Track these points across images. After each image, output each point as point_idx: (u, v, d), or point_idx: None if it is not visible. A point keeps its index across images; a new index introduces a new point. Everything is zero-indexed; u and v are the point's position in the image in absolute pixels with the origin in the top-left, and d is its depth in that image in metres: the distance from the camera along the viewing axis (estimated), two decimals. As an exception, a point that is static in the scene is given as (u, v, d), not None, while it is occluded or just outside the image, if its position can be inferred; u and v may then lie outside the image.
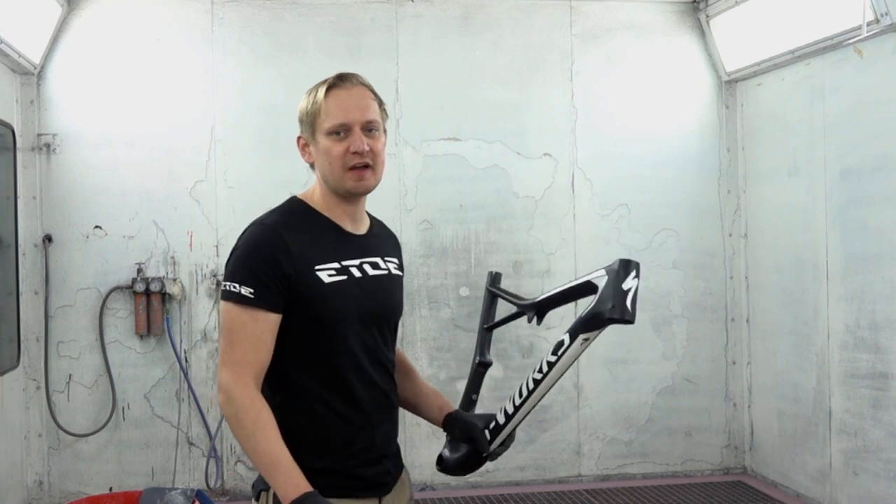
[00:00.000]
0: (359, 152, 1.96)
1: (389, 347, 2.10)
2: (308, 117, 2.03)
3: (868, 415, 4.38)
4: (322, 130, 1.99)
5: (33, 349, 4.99)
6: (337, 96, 1.99)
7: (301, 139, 2.08)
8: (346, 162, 1.97)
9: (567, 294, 2.13)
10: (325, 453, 1.96)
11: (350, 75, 2.03)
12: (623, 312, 1.91)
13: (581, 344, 2.00)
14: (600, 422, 5.43)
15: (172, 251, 5.10)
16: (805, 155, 4.86)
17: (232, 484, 5.16)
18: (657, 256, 5.47)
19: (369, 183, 2.00)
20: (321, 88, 2.01)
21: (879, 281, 4.28)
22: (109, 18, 5.05)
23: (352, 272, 2.00)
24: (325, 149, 1.99)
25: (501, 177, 5.35)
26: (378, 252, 2.10)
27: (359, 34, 5.24)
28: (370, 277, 2.03)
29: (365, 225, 2.12)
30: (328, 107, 1.98)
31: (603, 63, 5.46)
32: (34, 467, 5.00)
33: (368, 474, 2.01)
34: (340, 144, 1.97)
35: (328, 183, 2.02)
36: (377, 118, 2.02)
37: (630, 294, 1.91)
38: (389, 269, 2.11)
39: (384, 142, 2.05)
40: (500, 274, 2.52)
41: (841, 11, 4.30)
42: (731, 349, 5.57)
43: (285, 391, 1.97)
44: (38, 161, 5.01)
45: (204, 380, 5.13)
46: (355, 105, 1.98)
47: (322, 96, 2.00)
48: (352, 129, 1.97)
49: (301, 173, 5.15)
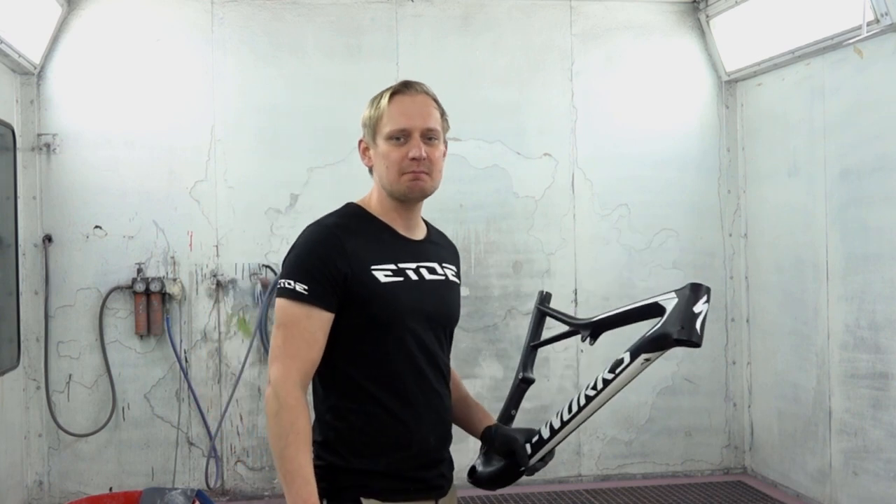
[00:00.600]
0: (416, 158, 2.00)
1: (445, 352, 2.12)
2: (371, 121, 2.07)
3: (868, 415, 4.38)
4: (383, 134, 2.03)
5: (33, 349, 4.99)
6: (400, 102, 2.03)
7: (362, 143, 2.11)
8: (404, 167, 2.00)
9: (629, 315, 2.15)
10: (380, 455, 1.97)
11: (415, 83, 2.08)
12: (691, 334, 1.92)
13: (641, 364, 2.00)
14: (600, 422, 5.42)
15: (172, 251, 5.10)
16: (805, 155, 4.86)
17: (232, 484, 5.16)
18: (657, 256, 5.47)
19: (425, 187, 2.03)
20: (386, 94, 2.06)
21: (879, 281, 4.28)
22: (109, 18, 5.05)
23: (408, 274, 2.02)
24: (385, 153, 2.02)
25: (501, 177, 5.35)
26: (435, 258, 2.12)
27: (359, 34, 5.23)
28: (427, 281, 2.05)
29: (422, 231, 2.15)
30: (391, 112, 2.03)
31: (603, 63, 5.46)
32: (34, 467, 5.00)
33: (425, 476, 2.02)
34: (399, 150, 2.01)
35: (385, 187, 2.05)
36: (437, 127, 2.06)
37: (700, 318, 1.93)
38: (447, 276, 2.12)
39: (443, 151, 2.10)
40: (551, 294, 2.50)
41: (841, 11, 4.30)
42: (731, 349, 5.57)
43: (341, 392, 1.97)
44: (38, 161, 5.01)
45: (204, 380, 5.13)
46: (417, 112, 2.03)
47: (386, 101, 2.04)
48: (411, 135, 2.01)
49: (301, 173, 5.21)
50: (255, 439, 5.17)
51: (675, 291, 2.00)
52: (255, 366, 5.14)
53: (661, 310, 2.00)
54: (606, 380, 2.04)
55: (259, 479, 5.18)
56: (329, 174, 5.15)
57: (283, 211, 5.16)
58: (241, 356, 5.11)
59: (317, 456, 1.99)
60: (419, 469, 2.01)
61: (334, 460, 1.98)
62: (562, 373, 5.39)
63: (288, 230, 5.11)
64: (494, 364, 5.29)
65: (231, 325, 5.15)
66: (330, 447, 1.99)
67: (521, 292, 5.37)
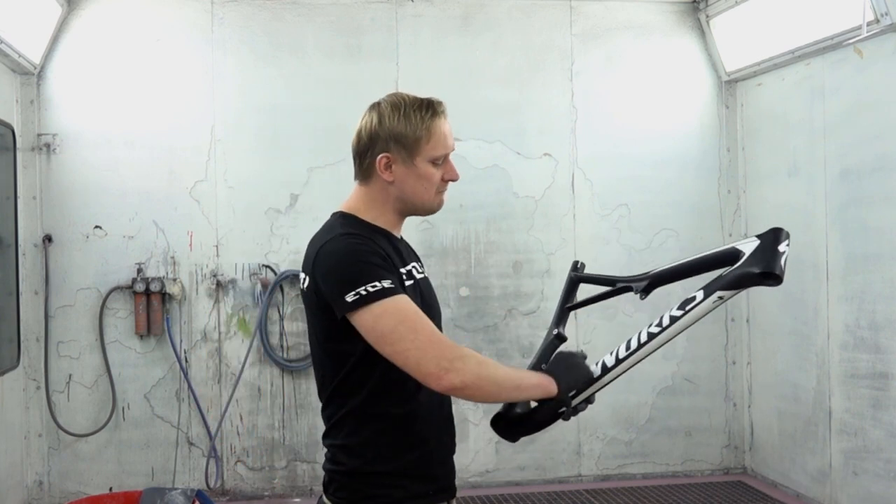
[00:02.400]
0: (454, 180, 2.11)
1: None
2: (409, 140, 2.02)
3: (868, 415, 4.38)
4: (427, 157, 2.04)
5: (33, 349, 4.99)
6: (442, 125, 2.08)
7: (387, 158, 2.03)
8: (440, 187, 2.10)
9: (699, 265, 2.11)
10: (402, 455, 1.98)
11: (441, 103, 2.12)
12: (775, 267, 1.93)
13: (714, 302, 1.99)
14: (600, 422, 5.43)
15: (172, 251, 5.10)
16: (805, 155, 4.86)
17: (232, 484, 5.16)
18: (657, 256, 5.45)
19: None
20: (426, 114, 2.05)
21: (879, 281, 4.28)
22: (109, 18, 5.05)
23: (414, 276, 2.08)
24: (427, 174, 2.06)
25: (501, 177, 5.35)
26: (412, 258, 2.17)
27: (359, 34, 5.23)
28: (419, 281, 2.10)
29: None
30: (437, 135, 2.06)
31: (603, 63, 5.46)
32: (34, 467, 5.00)
33: (440, 474, 2.06)
34: (439, 171, 2.08)
35: (412, 203, 2.08)
36: None
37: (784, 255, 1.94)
38: (424, 273, 2.18)
39: None
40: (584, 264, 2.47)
41: (841, 11, 4.30)
42: (731, 349, 5.57)
43: (360, 396, 1.97)
44: (38, 161, 5.01)
45: (204, 380, 5.13)
46: (451, 135, 2.11)
47: (431, 123, 2.05)
48: (448, 158, 2.10)
49: (301, 173, 5.21)
50: (255, 439, 5.18)
51: (756, 236, 2.00)
52: (255, 366, 5.14)
53: (739, 254, 1.98)
54: (674, 317, 2.01)
55: (259, 479, 5.18)
56: (329, 174, 5.14)
57: (283, 211, 5.16)
58: (241, 356, 5.11)
59: (337, 461, 1.99)
60: (438, 466, 2.05)
61: (357, 464, 1.97)
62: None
63: (288, 230, 5.12)
64: (494, 364, 5.28)
65: (231, 325, 5.15)
66: (351, 450, 1.98)
67: (521, 292, 5.37)
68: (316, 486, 5.18)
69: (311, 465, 5.18)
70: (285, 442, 5.19)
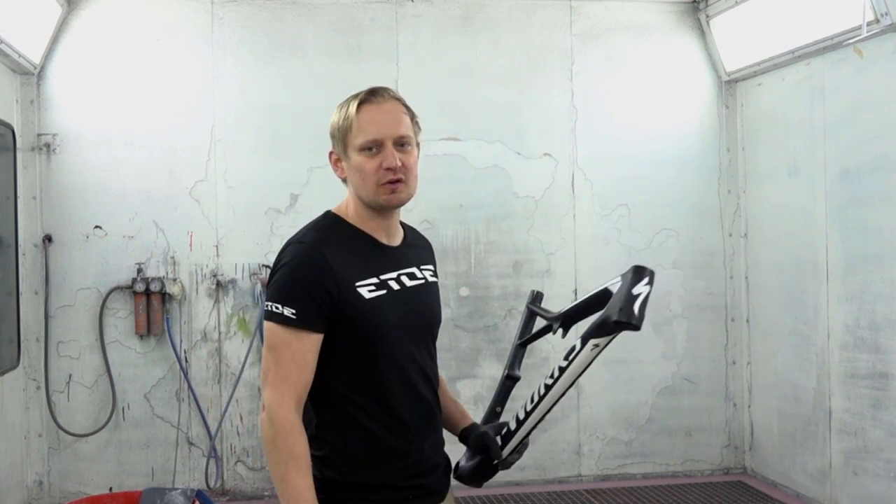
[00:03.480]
0: (391, 168, 1.95)
1: (433, 357, 2.12)
2: (340, 133, 2.02)
3: (868, 415, 4.38)
4: (354, 146, 1.99)
5: (33, 349, 4.99)
6: (368, 111, 1.98)
7: (333, 154, 2.07)
8: (380, 178, 1.97)
9: (588, 304, 2.13)
10: (377, 468, 1.97)
11: (381, 89, 2.03)
12: (630, 317, 1.87)
13: (591, 350, 1.99)
14: (600, 422, 5.43)
15: (172, 251, 5.10)
16: (805, 155, 4.86)
17: (232, 484, 5.16)
18: (657, 256, 5.47)
19: (402, 196, 2.00)
20: (353, 103, 2.00)
21: (879, 281, 4.28)
22: (109, 18, 5.05)
23: (390, 286, 2.01)
24: (358, 165, 1.99)
25: (501, 177, 5.35)
26: (414, 262, 2.11)
27: (359, 34, 5.23)
28: (409, 289, 2.04)
29: (399, 236, 2.12)
30: (360, 122, 1.98)
31: (603, 63, 5.46)
32: (34, 467, 5.00)
33: (423, 483, 2.03)
34: (373, 160, 1.97)
35: (362, 198, 2.02)
36: (409, 133, 2.01)
37: (639, 299, 1.89)
38: (426, 278, 2.12)
39: (416, 155, 2.05)
40: (542, 294, 2.48)
41: (841, 11, 4.30)
42: (731, 349, 5.57)
43: (334, 407, 1.97)
44: (38, 161, 5.01)
45: (204, 380, 5.13)
46: (387, 120, 1.98)
47: (354, 111, 1.99)
48: (384, 144, 1.97)
49: (301, 173, 5.21)
50: (255, 439, 5.17)
51: (621, 275, 1.99)
52: (255, 366, 5.14)
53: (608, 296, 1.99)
54: (562, 367, 2.04)
55: (259, 479, 5.18)
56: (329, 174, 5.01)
57: (283, 211, 5.16)
58: (241, 356, 5.11)
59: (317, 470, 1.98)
60: (416, 477, 2.02)
61: (331, 475, 1.97)
62: (562, 373, 5.38)
63: (288, 230, 5.10)
64: (494, 364, 5.28)
65: (231, 325, 5.15)
66: (326, 462, 1.98)
67: (521, 292, 5.36)
68: (316, 486, 5.18)
69: (311, 465, 5.18)
70: (285, 442, 5.18)
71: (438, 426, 2.12)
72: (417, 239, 2.22)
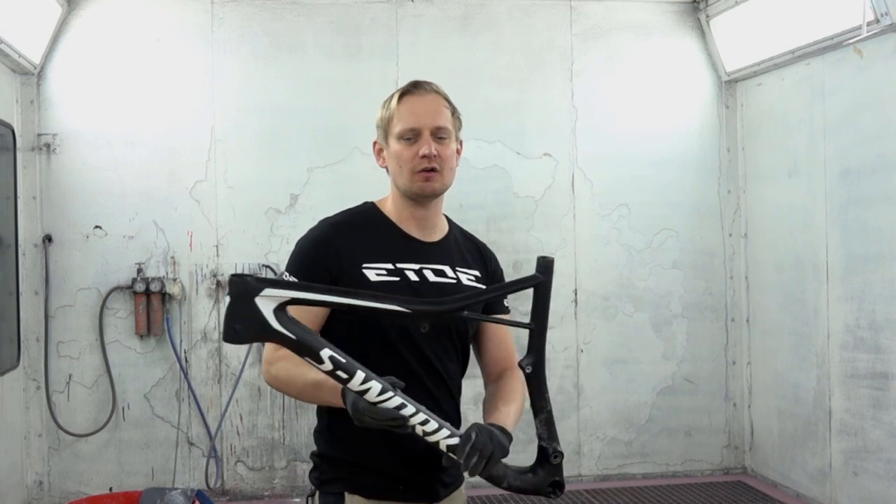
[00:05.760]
0: (427, 156, 2.00)
1: (450, 357, 2.08)
2: (383, 122, 2.09)
3: (868, 415, 4.38)
4: (394, 134, 2.05)
5: (33, 349, 4.99)
6: (410, 102, 2.05)
7: (376, 144, 2.13)
8: (415, 166, 2.02)
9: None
10: (366, 451, 1.98)
11: (424, 83, 2.09)
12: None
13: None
14: (600, 422, 5.43)
15: (172, 251, 5.10)
16: (805, 155, 4.86)
17: (232, 484, 5.16)
18: (657, 256, 5.47)
19: (436, 186, 2.04)
20: (396, 95, 2.08)
21: (879, 281, 4.28)
22: (109, 18, 5.05)
23: (407, 275, 2.02)
24: (396, 152, 2.04)
25: (501, 177, 5.35)
26: (447, 260, 2.10)
27: (359, 34, 5.23)
28: (430, 283, 2.03)
29: (440, 233, 2.15)
30: (401, 112, 2.04)
31: (603, 63, 5.46)
32: (34, 467, 5.00)
33: (415, 478, 2.00)
34: (410, 149, 2.02)
35: (399, 187, 2.07)
36: (448, 125, 2.06)
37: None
38: (459, 279, 2.09)
39: (454, 149, 2.09)
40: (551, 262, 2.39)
41: (841, 11, 4.30)
42: (731, 349, 5.57)
43: None
44: (38, 161, 5.01)
45: (204, 380, 5.13)
46: (426, 111, 2.04)
47: (396, 102, 2.06)
48: (421, 133, 2.02)
49: (301, 173, 5.21)
50: (255, 439, 5.17)
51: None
52: (254, 366, 5.14)
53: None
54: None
55: (259, 479, 5.18)
56: (329, 174, 5.15)
57: (283, 211, 5.16)
58: (241, 356, 5.11)
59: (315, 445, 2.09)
60: (407, 469, 1.99)
61: (326, 450, 2.05)
62: (562, 373, 5.39)
63: (288, 230, 5.11)
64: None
65: (231, 325, 5.14)
66: (322, 436, 2.06)
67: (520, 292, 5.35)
68: (316, 486, 5.18)
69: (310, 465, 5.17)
70: (285, 442, 5.19)
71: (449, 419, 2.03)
72: (467, 242, 2.23)
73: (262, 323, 1.70)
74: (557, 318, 5.37)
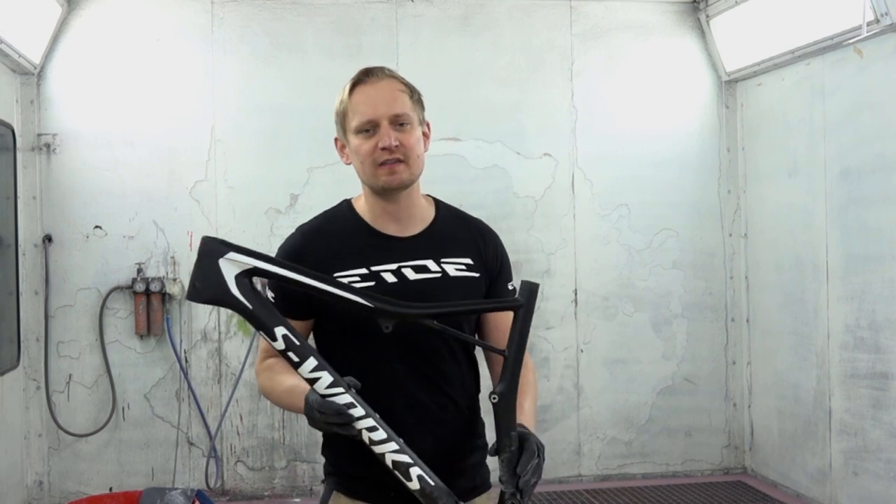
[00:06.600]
0: (387, 148, 1.89)
1: (442, 357, 1.96)
2: (339, 117, 1.98)
3: (868, 415, 4.38)
4: (351, 129, 1.94)
5: (33, 349, 4.99)
6: (363, 92, 1.94)
7: (338, 141, 2.02)
8: (376, 159, 1.90)
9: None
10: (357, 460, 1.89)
11: (376, 69, 1.97)
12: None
13: None
14: (600, 422, 5.43)
15: (172, 251, 5.10)
16: (805, 155, 4.86)
17: (232, 484, 5.16)
18: (657, 256, 5.47)
19: (402, 177, 1.91)
20: (347, 87, 1.96)
21: (879, 281, 4.28)
22: (109, 18, 5.05)
23: (383, 277, 1.92)
24: (356, 147, 1.94)
25: (501, 177, 5.35)
26: (430, 253, 1.97)
27: (359, 34, 5.23)
28: (410, 283, 1.92)
29: (420, 224, 2.00)
30: (354, 104, 1.93)
31: (603, 63, 5.46)
32: (34, 467, 5.00)
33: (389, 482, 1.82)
34: (369, 142, 1.91)
35: (365, 182, 1.96)
36: (407, 111, 1.93)
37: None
38: (444, 272, 1.96)
39: (418, 135, 1.96)
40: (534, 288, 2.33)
41: (841, 11, 4.30)
42: (731, 349, 5.57)
43: None
44: (38, 161, 5.01)
45: (204, 380, 5.13)
46: (382, 99, 1.92)
47: (348, 94, 1.95)
48: (379, 124, 1.91)
49: (301, 173, 5.21)
50: (255, 439, 5.17)
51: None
52: (254, 366, 5.13)
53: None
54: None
55: (259, 479, 5.18)
56: (329, 174, 5.14)
57: (283, 211, 5.16)
58: (241, 356, 5.11)
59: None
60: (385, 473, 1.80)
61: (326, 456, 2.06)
62: (562, 373, 5.39)
63: (288, 230, 4.99)
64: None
65: (231, 325, 5.15)
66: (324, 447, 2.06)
67: (521, 292, 5.35)
68: (316, 486, 5.18)
69: (310, 465, 5.18)
70: (285, 442, 5.19)
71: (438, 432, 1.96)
72: (459, 226, 2.06)
73: (221, 285, 1.72)
74: (557, 318, 5.37)
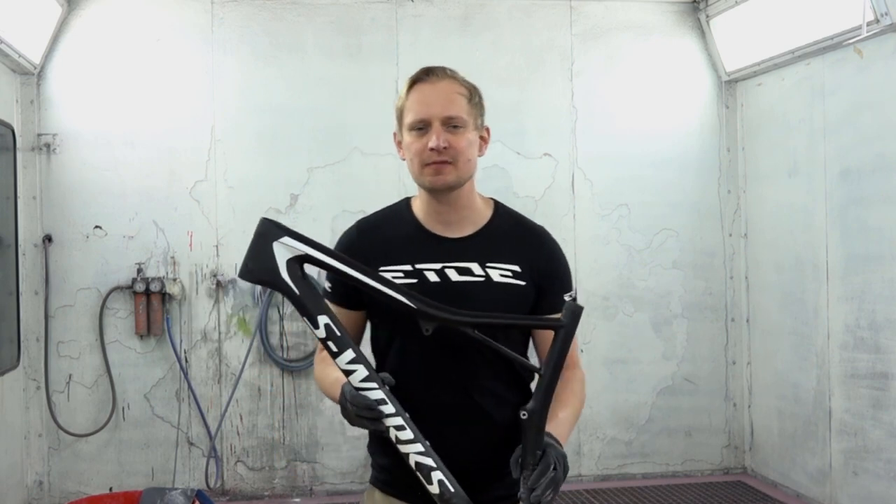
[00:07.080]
0: (435, 148, 1.90)
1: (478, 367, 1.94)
2: (397, 112, 2.00)
3: (868, 415, 4.38)
4: (406, 125, 1.96)
5: (33, 349, 4.99)
6: (420, 90, 1.96)
7: (395, 136, 2.05)
8: (424, 158, 1.92)
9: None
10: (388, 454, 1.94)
11: (437, 68, 2.01)
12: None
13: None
14: (600, 422, 5.43)
15: (172, 251, 5.10)
16: (805, 155, 4.86)
17: (232, 484, 5.16)
18: (657, 256, 5.47)
19: (448, 179, 1.92)
20: (407, 85, 1.99)
21: (879, 281, 4.28)
22: (109, 18, 5.06)
23: (426, 276, 1.93)
24: (407, 144, 1.96)
25: (501, 177, 5.34)
26: (476, 257, 1.96)
27: (359, 34, 5.23)
28: (453, 283, 1.92)
29: (469, 226, 2.00)
30: (410, 101, 1.96)
31: (603, 63, 5.46)
32: (34, 467, 5.00)
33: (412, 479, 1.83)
34: (420, 140, 1.93)
35: (414, 180, 1.99)
36: (461, 114, 1.96)
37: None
38: (488, 276, 1.94)
39: (471, 139, 1.99)
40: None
41: (841, 11, 4.30)
42: (731, 349, 5.57)
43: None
44: (38, 161, 5.01)
45: (204, 380, 5.13)
46: (437, 100, 1.94)
47: (406, 91, 1.98)
48: (431, 124, 1.92)
49: (301, 173, 5.21)
50: (255, 439, 5.17)
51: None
52: (254, 366, 5.14)
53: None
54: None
55: (259, 479, 5.18)
56: (329, 174, 5.14)
57: (283, 211, 5.16)
58: (241, 356, 5.11)
59: None
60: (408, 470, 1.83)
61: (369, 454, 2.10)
62: (562, 373, 5.38)
63: (288, 230, 5.10)
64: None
65: (231, 325, 5.15)
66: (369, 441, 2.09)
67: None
68: (316, 485, 5.18)
69: (311, 465, 5.18)
70: (285, 442, 5.19)
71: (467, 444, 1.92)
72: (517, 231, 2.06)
73: (272, 269, 1.75)
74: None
